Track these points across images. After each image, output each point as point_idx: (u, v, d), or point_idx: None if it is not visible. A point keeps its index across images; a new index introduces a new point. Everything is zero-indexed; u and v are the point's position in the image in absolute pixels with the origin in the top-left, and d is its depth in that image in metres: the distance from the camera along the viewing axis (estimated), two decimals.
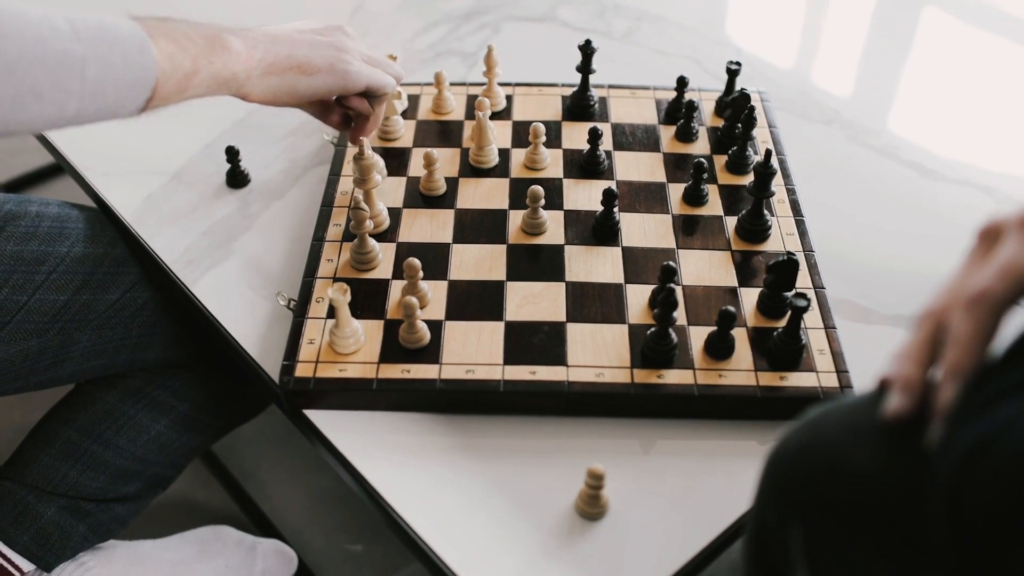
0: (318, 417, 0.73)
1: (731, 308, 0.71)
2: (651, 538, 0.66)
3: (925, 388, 0.43)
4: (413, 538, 0.66)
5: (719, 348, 0.73)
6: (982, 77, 1.10)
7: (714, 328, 0.73)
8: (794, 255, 0.74)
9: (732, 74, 0.94)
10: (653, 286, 0.78)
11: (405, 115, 0.96)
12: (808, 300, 0.71)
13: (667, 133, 0.95)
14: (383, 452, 0.71)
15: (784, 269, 0.74)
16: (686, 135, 0.93)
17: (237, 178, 0.92)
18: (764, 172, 0.80)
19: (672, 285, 0.72)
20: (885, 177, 0.95)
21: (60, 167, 1.64)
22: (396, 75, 0.85)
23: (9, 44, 0.58)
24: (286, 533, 1.11)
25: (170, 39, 0.66)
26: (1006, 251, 0.43)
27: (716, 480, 0.69)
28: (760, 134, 0.94)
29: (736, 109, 0.91)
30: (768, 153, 0.80)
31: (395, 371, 0.73)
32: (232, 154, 0.91)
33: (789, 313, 0.72)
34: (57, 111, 0.61)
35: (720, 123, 0.96)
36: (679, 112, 0.95)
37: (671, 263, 0.73)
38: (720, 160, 0.92)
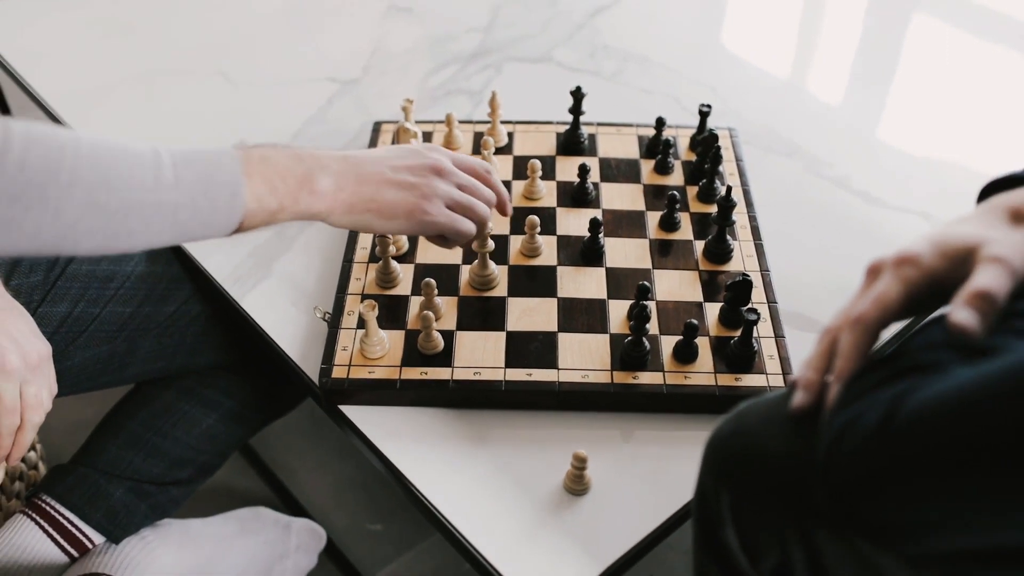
0: (351, 411, 0.88)
1: (695, 321, 0.86)
2: (626, 510, 0.80)
3: (821, 388, 0.58)
4: (432, 511, 0.81)
5: (685, 354, 0.88)
6: (922, 114, 1.25)
7: (681, 337, 0.88)
8: (748, 276, 0.89)
9: (703, 115, 1.09)
10: (631, 301, 0.93)
11: None
12: (759, 314, 0.86)
13: (647, 166, 1.09)
14: (405, 440, 0.85)
15: (740, 288, 0.89)
16: (663, 168, 1.08)
17: None
18: (725, 204, 0.95)
19: (646, 301, 0.87)
20: (836, 205, 1.10)
21: None
22: (480, 219, 0.85)
23: (113, 196, 0.65)
24: (314, 514, 1.25)
25: (264, 179, 0.72)
26: (880, 285, 0.58)
27: (681, 463, 0.84)
28: (728, 167, 1.09)
29: (705, 147, 1.06)
30: (729, 189, 0.95)
31: (415, 373, 0.87)
32: None
33: (743, 324, 0.87)
34: (144, 243, 0.69)
35: (693, 157, 1.10)
36: (658, 148, 1.09)
37: (646, 283, 0.87)
38: (692, 190, 1.06)
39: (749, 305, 0.90)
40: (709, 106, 1.08)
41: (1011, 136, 1.21)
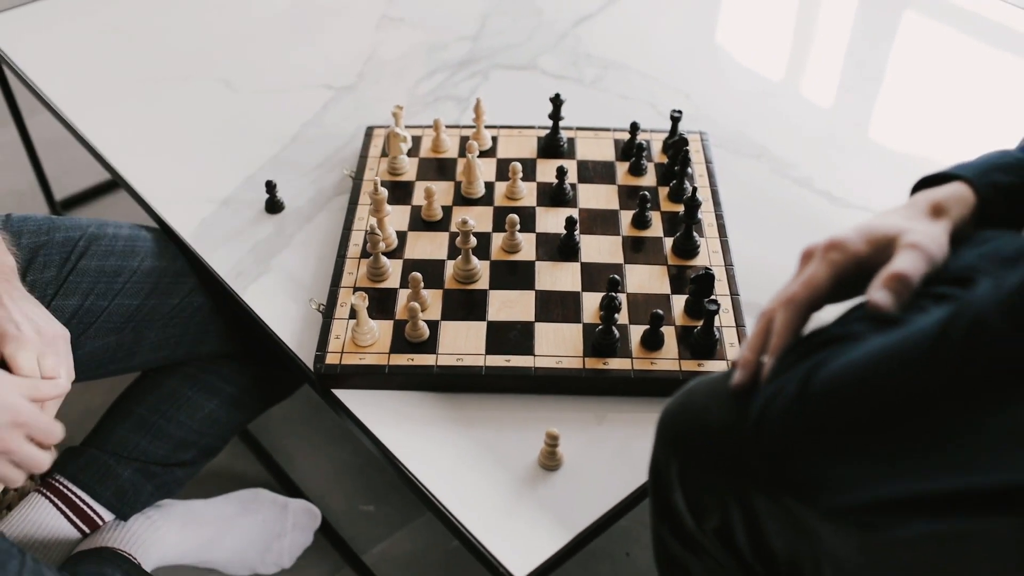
0: (343, 395, 0.95)
1: (660, 311, 0.93)
2: (595, 484, 0.88)
3: (758, 366, 0.65)
4: (418, 485, 0.88)
5: (652, 342, 0.95)
6: (882, 119, 1.32)
7: (648, 326, 0.95)
8: (711, 270, 0.96)
9: (675, 121, 1.16)
10: (603, 293, 1.00)
11: (410, 154, 1.18)
12: (718, 305, 0.93)
13: (622, 168, 1.16)
14: (394, 421, 0.92)
15: (702, 281, 0.96)
16: (637, 170, 1.15)
17: (274, 206, 1.14)
18: (691, 204, 1.02)
19: (615, 293, 0.94)
20: (799, 204, 1.17)
21: (106, 187, 1.86)
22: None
23: None
24: (310, 496, 1.32)
25: None
26: (810, 268, 0.65)
27: (646, 442, 0.90)
28: (699, 168, 1.16)
29: (676, 150, 1.13)
30: (694, 189, 1.02)
31: (402, 359, 0.94)
32: (270, 186, 1.13)
33: (705, 314, 0.94)
34: None
35: (666, 160, 1.17)
36: (632, 151, 1.16)
37: (616, 276, 0.95)
38: (664, 191, 1.13)
39: (711, 297, 0.97)
40: (680, 112, 1.16)
41: (964, 134, 1.28)
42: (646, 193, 1.07)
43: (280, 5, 1.52)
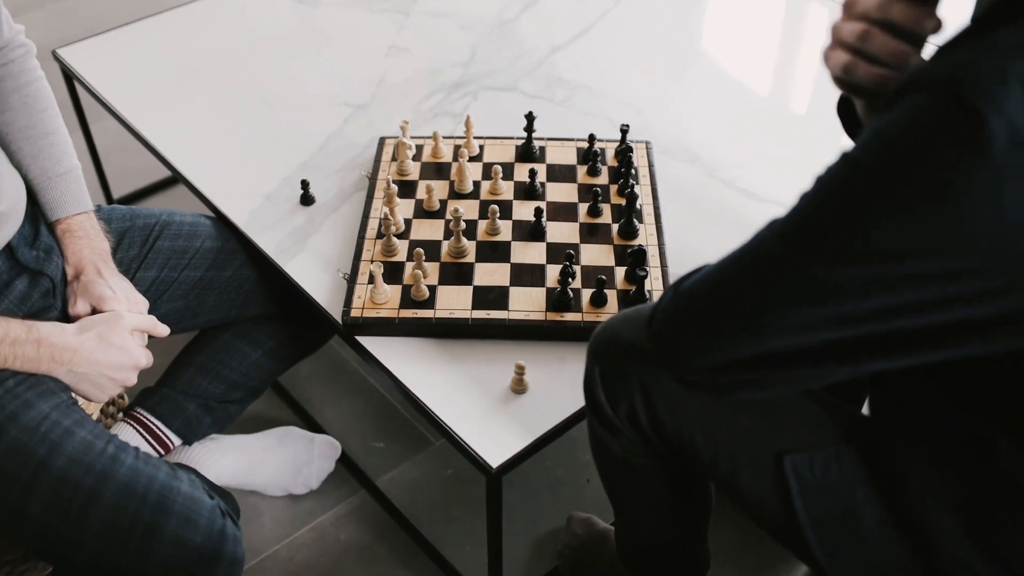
0: (364, 340, 1.25)
1: (603, 277, 1.23)
2: (552, 403, 1.17)
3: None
4: (420, 404, 1.18)
5: (598, 300, 1.25)
6: (788, 130, 1.63)
7: (595, 289, 1.25)
8: (644, 248, 1.26)
9: (623, 132, 1.47)
10: (562, 265, 1.30)
11: (414, 158, 1.48)
12: (647, 272, 1.23)
13: (582, 170, 1.47)
14: (404, 359, 1.22)
15: (637, 255, 1.26)
16: (593, 171, 1.46)
17: (307, 199, 1.44)
18: (631, 197, 1.33)
19: (570, 264, 1.24)
20: (723, 199, 1.47)
21: (152, 189, 2.17)
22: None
23: None
24: (332, 435, 1.62)
25: None
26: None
27: None
28: (643, 170, 1.47)
29: (623, 155, 1.44)
30: (633, 186, 1.33)
31: (408, 313, 1.25)
32: (304, 184, 1.43)
33: (637, 280, 1.25)
34: None
35: (616, 163, 1.48)
36: (590, 156, 1.47)
37: (571, 252, 1.25)
38: (614, 188, 1.44)
39: (643, 267, 1.28)
40: (628, 125, 1.46)
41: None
42: (598, 189, 1.38)
43: (308, 38, 1.83)
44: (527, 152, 1.49)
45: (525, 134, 1.48)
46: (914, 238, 0.65)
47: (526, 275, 1.30)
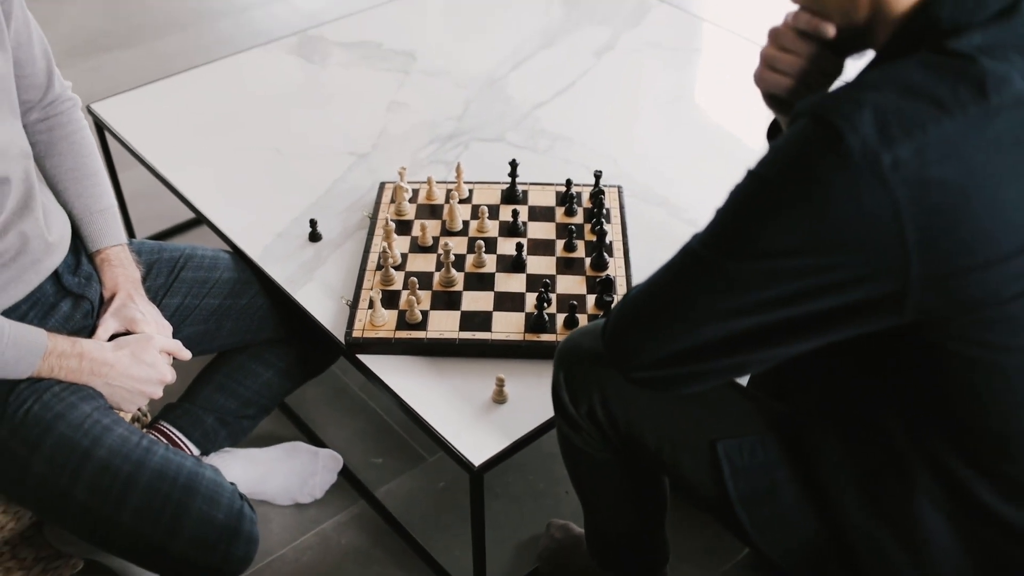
0: (364, 359, 1.42)
1: (575, 303, 1.41)
2: (528, 412, 1.33)
3: None
4: (414, 413, 1.35)
5: (571, 324, 1.42)
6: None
7: (567, 313, 1.43)
8: (612, 277, 1.44)
9: (597, 178, 1.65)
10: (538, 292, 1.47)
11: (411, 201, 1.66)
12: (612, 298, 1.41)
13: (560, 211, 1.65)
14: (399, 375, 1.39)
15: (605, 284, 1.44)
16: (570, 212, 1.64)
17: (315, 236, 1.62)
18: (600, 233, 1.51)
19: (546, 292, 1.41)
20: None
21: (188, 225, 2.36)
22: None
23: None
24: (334, 451, 1.78)
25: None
26: None
27: None
28: (614, 212, 1.65)
29: (596, 198, 1.62)
30: (603, 223, 1.51)
31: (404, 334, 1.42)
32: (312, 223, 1.62)
33: (606, 307, 1.42)
34: None
35: (590, 204, 1.66)
36: (567, 199, 1.65)
37: (547, 282, 1.42)
38: (588, 226, 1.62)
39: (611, 295, 1.45)
40: (601, 171, 1.65)
41: None
42: (573, 228, 1.56)
43: (316, 94, 2.03)
44: (511, 195, 1.67)
45: (510, 179, 1.67)
46: (795, 235, 0.83)
47: (508, 302, 1.47)
